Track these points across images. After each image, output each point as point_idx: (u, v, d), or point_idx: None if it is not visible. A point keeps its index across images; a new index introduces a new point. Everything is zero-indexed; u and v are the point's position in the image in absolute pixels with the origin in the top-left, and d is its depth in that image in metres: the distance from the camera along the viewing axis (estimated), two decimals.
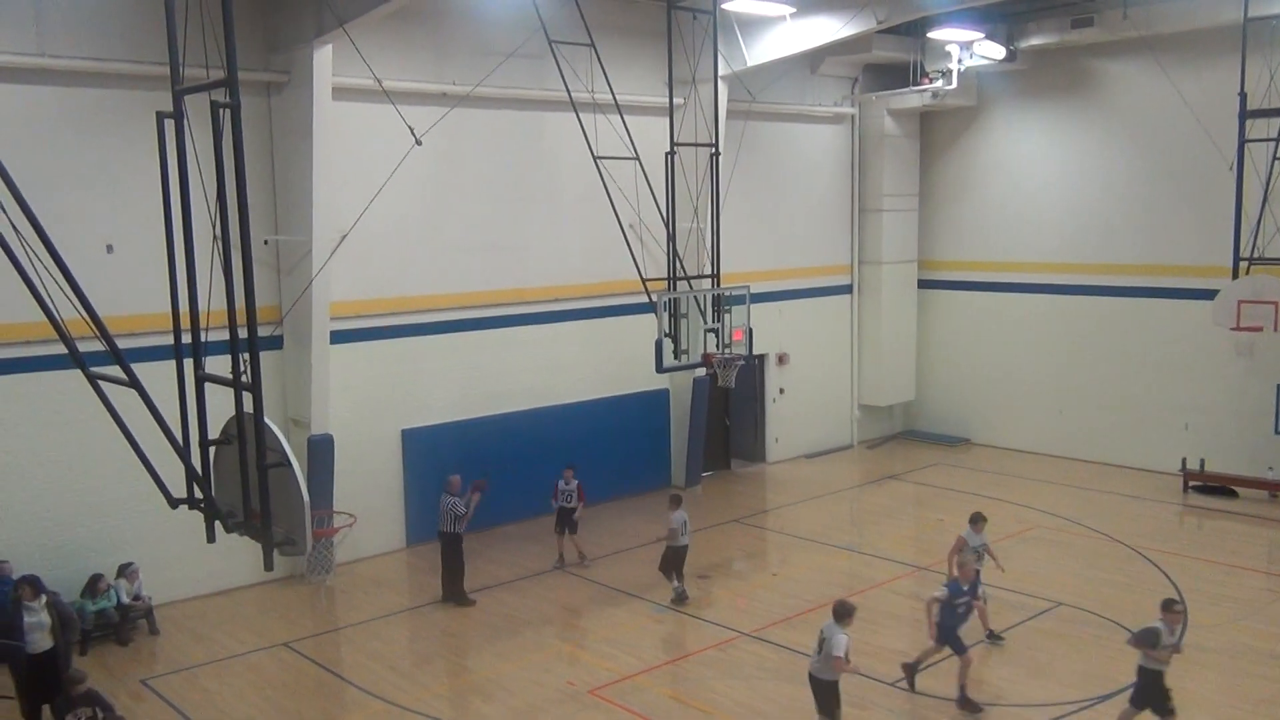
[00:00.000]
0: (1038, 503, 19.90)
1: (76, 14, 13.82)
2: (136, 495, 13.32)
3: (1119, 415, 22.44)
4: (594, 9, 18.15)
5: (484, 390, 18.44)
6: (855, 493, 21.45)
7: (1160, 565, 16.27)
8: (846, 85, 23.90)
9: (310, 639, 14.21)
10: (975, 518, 14.17)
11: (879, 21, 17.92)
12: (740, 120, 20.95)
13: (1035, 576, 15.84)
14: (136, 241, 14.14)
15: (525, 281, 18.88)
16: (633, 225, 18.53)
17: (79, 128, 14.06)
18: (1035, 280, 23.52)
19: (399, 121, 14.79)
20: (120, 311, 12.83)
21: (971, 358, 24.86)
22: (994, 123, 24.00)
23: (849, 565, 16.82)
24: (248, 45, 14.81)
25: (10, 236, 7.85)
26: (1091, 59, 22.16)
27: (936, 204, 25.15)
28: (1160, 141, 21.38)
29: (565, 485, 16.80)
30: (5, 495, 13.77)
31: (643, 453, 20.95)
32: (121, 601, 14.09)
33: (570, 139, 17.95)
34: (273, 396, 15.13)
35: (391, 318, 17.25)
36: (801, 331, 23.63)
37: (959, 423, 25.17)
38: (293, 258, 15.74)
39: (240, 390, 7.82)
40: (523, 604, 15.35)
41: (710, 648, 13.65)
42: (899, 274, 24.96)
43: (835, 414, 24.83)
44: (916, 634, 14.15)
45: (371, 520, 16.85)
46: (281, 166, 15.74)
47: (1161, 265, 21.57)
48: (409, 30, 16.64)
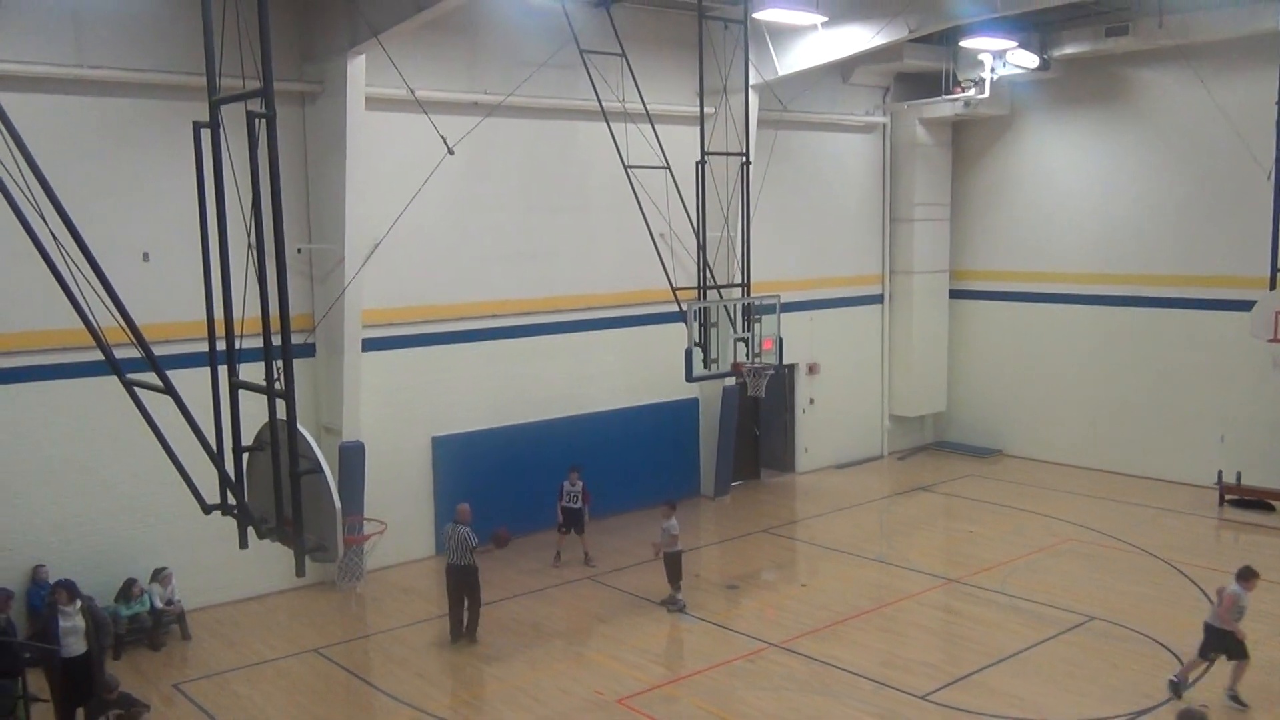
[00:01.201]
0: (1071, 515, 19.70)
1: (115, 26, 14.02)
2: (171, 501, 13.43)
3: (1154, 427, 22.20)
4: (625, 19, 18.23)
5: (514, 398, 18.49)
6: (885, 504, 21.33)
7: (1195, 580, 16.06)
8: (878, 94, 23.83)
9: (340, 645, 14.29)
10: (1246, 573, 12.16)
11: (911, 31, 17.86)
12: (771, 129, 20.92)
13: (1068, 590, 15.69)
14: (172, 250, 14.31)
15: (556, 290, 18.93)
16: (663, 234, 18.55)
17: (117, 137, 14.24)
18: (1068, 290, 23.32)
19: (431, 131, 14.87)
20: (156, 319, 12.96)
21: (1004, 368, 24.67)
22: (1027, 132, 23.84)
23: (879, 577, 16.72)
24: (283, 56, 14.96)
25: (50, 245, 7.97)
26: (1126, 68, 21.98)
27: (969, 214, 25.00)
28: (1196, 151, 21.16)
29: (570, 486, 17.11)
30: (43, 500, 13.95)
31: (672, 462, 20.91)
32: (155, 606, 14.23)
33: (601, 148, 18.01)
34: (305, 403, 15.24)
35: (423, 325, 17.33)
36: (832, 341, 23.54)
37: (991, 434, 24.99)
38: (325, 266, 15.87)
39: (273, 397, 7.88)
40: (552, 612, 15.36)
41: (739, 658, 13.60)
42: (930, 284, 24.82)
43: (865, 424, 24.70)
44: (947, 646, 14.07)
45: (401, 527, 16.88)
46: (315, 175, 15.88)
47: (1197, 276, 21.33)
48: (441, 40, 16.74)
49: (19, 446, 13.74)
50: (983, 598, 15.56)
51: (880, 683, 12.67)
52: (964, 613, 15.14)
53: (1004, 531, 18.88)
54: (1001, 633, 14.21)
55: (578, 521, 17.16)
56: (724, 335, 17.14)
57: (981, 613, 15.01)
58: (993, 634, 14.18)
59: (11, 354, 13.59)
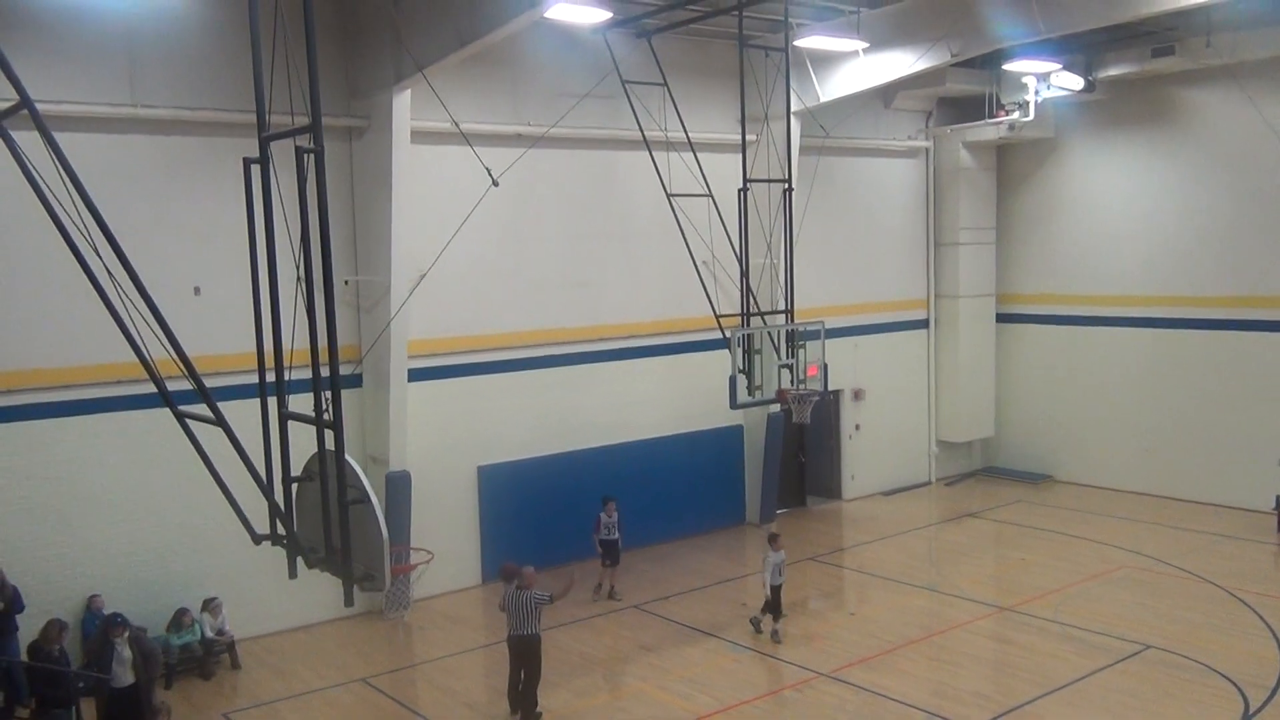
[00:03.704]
0: (1124, 542, 19.37)
1: (168, 65, 14.33)
2: (221, 531, 13.57)
3: (1208, 451, 21.80)
4: (667, 49, 18.36)
5: (559, 427, 18.54)
6: (934, 530, 21.09)
7: (1254, 606, 15.71)
8: (921, 119, 23.77)
9: (388, 675, 14.33)
10: None
11: (953, 55, 17.78)
12: (813, 155, 20.92)
13: (1123, 618, 15.41)
14: (223, 283, 14.54)
15: (600, 319, 18.98)
16: (706, 262, 18.58)
17: (169, 174, 14.53)
18: (1118, 314, 23.03)
19: (476, 163, 15.03)
20: (207, 351, 13.13)
21: (1053, 392, 24.36)
22: (1073, 154, 23.64)
23: (928, 605, 16.52)
24: (330, 92, 15.19)
25: (104, 280, 8.14)
26: (1173, 88, 21.76)
27: (1015, 237, 24.80)
28: (1246, 171, 20.87)
29: (608, 518, 16.83)
30: (98, 530, 14.16)
31: (717, 490, 20.84)
32: (205, 636, 14.36)
33: (644, 177, 18.10)
34: (353, 434, 15.41)
35: (468, 355, 17.45)
36: (877, 367, 23.39)
37: (1041, 459, 24.65)
38: (372, 297, 16.04)
39: (322, 428, 7.96)
40: (599, 642, 15.32)
41: (788, 687, 13.48)
42: (977, 308, 24.62)
43: (912, 450, 24.47)
44: (999, 676, 13.86)
45: (447, 557, 16.95)
46: (362, 208, 16.08)
47: (1251, 296, 20.99)
48: (485, 74, 16.94)
49: (76, 478, 13.99)
50: (1035, 626, 15.31)
51: (931, 713, 12.49)
52: (1016, 641, 14.91)
53: (1055, 558, 18.58)
54: (1055, 662, 13.97)
55: (616, 553, 16.93)
56: (768, 362, 17.11)
57: (1034, 641, 14.78)
58: (1046, 663, 13.95)
59: (68, 387, 13.84)
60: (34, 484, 13.70)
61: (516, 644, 12.58)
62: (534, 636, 12.52)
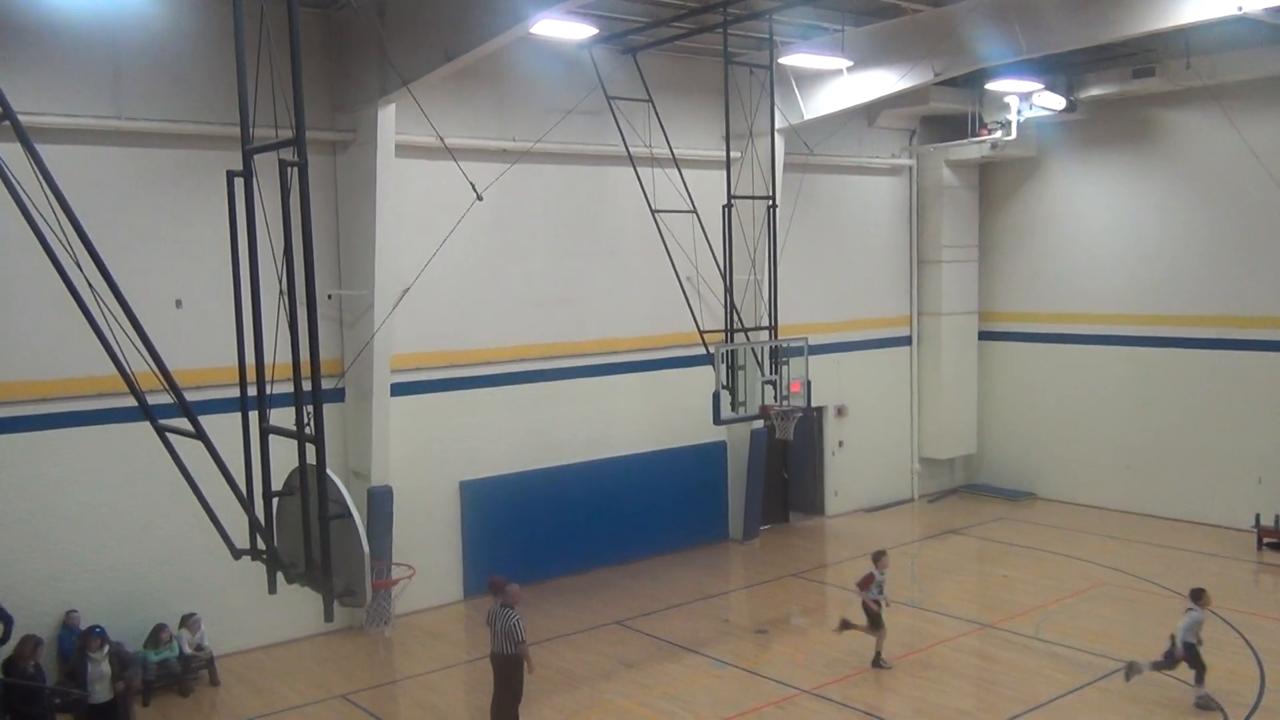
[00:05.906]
0: (1105, 559, 19.43)
1: (152, 78, 14.29)
2: (201, 546, 13.40)
3: (1189, 469, 21.91)
4: (652, 66, 18.43)
5: (542, 442, 18.50)
6: (916, 547, 21.11)
7: (1234, 624, 15.77)
8: (904, 137, 23.91)
9: (368, 691, 14.23)
10: None
11: (936, 74, 17.89)
12: (797, 173, 21.01)
13: (1103, 635, 15.44)
14: (205, 296, 14.47)
15: (583, 334, 18.97)
16: (690, 278, 18.61)
17: (152, 186, 14.46)
18: (1099, 332, 23.16)
19: (460, 177, 15.00)
20: (188, 365, 13.10)
21: (1035, 410, 24.46)
22: (1054, 173, 23.82)
23: (911, 622, 16.51)
24: (315, 106, 15.19)
25: (85, 292, 8.09)
26: (1154, 109, 21.95)
27: (997, 255, 24.94)
28: (1226, 191, 21.05)
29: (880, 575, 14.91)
30: (75, 545, 14.02)
31: (700, 505, 20.82)
32: (184, 652, 14.23)
33: (628, 193, 18.14)
34: (334, 448, 15.35)
35: (451, 370, 17.40)
36: (860, 383, 23.44)
37: (1023, 476, 24.73)
38: (355, 311, 16.00)
39: (303, 442, 7.92)
40: (580, 659, 15.26)
41: (769, 704, 13.44)
42: (959, 325, 24.73)
43: (895, 467, 24.52)
44: (981, 693, 13.86)
45: (429, 572, 16.87)
46: (345, 222, 16.05)
47: (1230, 316, 21.15)
48: (470, 89, 16.95)
49: (53, 492, 13.84)
50: (1017, 643, 15.33)
51: None
52: (998, 658, 14.93)
53: (1038, 575, 18.63)
54: (1037, 679, 13.99)
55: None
56: (751, 378, 17.14)
57: (1016, 658, 14.80)
58: (1028, 680, 13.96)
59: (46, 400, 13.74)
60: (7, 497, 13.55)
61: (498, 662, 12.38)
62: (515, 656, 12.26)
